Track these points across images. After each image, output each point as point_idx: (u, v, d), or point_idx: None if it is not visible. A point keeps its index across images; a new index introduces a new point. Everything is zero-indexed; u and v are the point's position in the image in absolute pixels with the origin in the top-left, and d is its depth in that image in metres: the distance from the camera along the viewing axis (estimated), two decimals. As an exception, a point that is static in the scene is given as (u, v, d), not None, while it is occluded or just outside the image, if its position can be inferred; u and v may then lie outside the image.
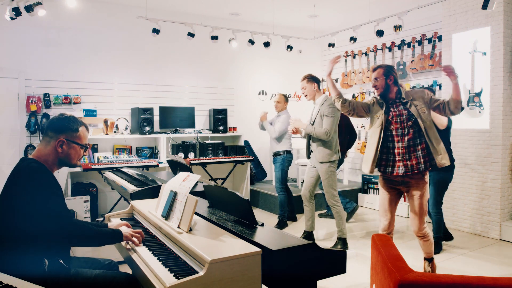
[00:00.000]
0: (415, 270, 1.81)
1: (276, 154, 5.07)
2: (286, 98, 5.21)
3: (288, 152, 5.08)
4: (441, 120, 3.81)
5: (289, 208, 5.35)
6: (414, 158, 2.95)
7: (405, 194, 3.14)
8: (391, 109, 3.01)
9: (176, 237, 1.88)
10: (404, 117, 2.95)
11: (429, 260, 3.32)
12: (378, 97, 3.11)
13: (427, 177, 3.04)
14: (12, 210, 1.77)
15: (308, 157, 4.14)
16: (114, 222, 2.30)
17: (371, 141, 3.06)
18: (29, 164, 1.86)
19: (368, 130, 3.12)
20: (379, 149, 3.01)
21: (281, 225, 5.05)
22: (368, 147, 3.08)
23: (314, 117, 3.98)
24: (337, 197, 4.03)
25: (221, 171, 6.19)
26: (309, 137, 4.10)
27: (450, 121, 3.98)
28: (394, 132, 2.98)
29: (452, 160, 3.82)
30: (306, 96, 4.09)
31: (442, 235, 4.20)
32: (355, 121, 5.75)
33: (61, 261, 1.86)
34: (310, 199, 4.14)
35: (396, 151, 2.98)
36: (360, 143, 6.48)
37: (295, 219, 5.44)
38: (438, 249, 4.04)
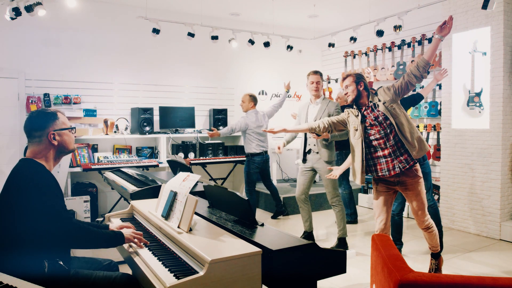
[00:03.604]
0: (415, 270, 1.81)
1: (246, 156, 5.20)
2: (252, 98, 5.22)
3: (255, 155, 5.12)
4: None
5: (276, 202, 5.47)
6: (405, 152, 2.97)
7: (403, 194, 3.15)
8: (366, 116, 3.06)
9: (176, 237, 1.88)
10: (381, 118, 2.99)
11: (436, 256, 3.32)
12: (353, 106, 3.15)
13: (420, 172, 3.05)
14: (11, 211, 1.77)
15: (304, 161, 4.12)
16: (115, 223, 2.28)
17: (356, 153, 3.09)
18: (28, 164, 1.87)
19: (351, 142, 3.18)
20: (364, 158, 3.05)
21: None
22: (354, 159, 3.11)
23: (319, 116, 3.97)
24: (339, 197, 4.04)
25: (221, 171, 6.20)
26: (306, 141, 4.09)
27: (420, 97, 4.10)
28: (377, 136, 3.00)
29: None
30: (316, 90, 4.05)
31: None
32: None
33: (61, 262, 1.85)
34: (305, 201, 4.16)
35: (386, 152, 3.00)
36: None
37: (285, 213, 5.52)
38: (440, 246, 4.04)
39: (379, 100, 3.04)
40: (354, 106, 3.13)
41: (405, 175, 3.01)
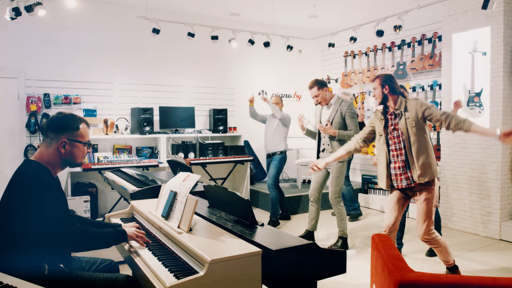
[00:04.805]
0: (415, 270, 1.81)
1: (274, 154, 5.14)
2: (281, 99, 5.34)
3: (285, 152, 5.17)
4: None
5: (282, 207, 5.41)
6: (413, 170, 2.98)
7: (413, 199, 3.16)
8: (389, 123, 3.07)
9: (176, 237, 1.88)
10: (399, 131, 3.00)
11: (451, 269, 3.20)
12: (379, 111, 3.16)
13: (434, 183, 3.03)
14: (14, 213, 1.75)
15: (318, 158, 4.14)
16: (129, 224, 2.27)
17: (380, 158, 3.13)
18: (32, 167, 1.83)
19: (376, 146, 3.22)
20: (387, 164, 3.08)
21: (273, 224, 5.07)
22: (379, 164, 3.15)
23: (332, 116, 4.00)
24: (340, 197, 4.05)
25: (221, 171, 6.19)
26: (319, 139, 4.11)
27: None
28: (393, 147, 3.04)
29: None
30: (319, 102, 4.12)
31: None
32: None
33: (62, 265, 1.85)
34: (317, 200, 4.18)
35: (397, 165, 3.03)
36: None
37: (288, 218, 5.48)
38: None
39: (406, 110, 2.99)
40: (381, 114, 3.12)
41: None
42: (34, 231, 1.73)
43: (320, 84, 4.05)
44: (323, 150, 4.08)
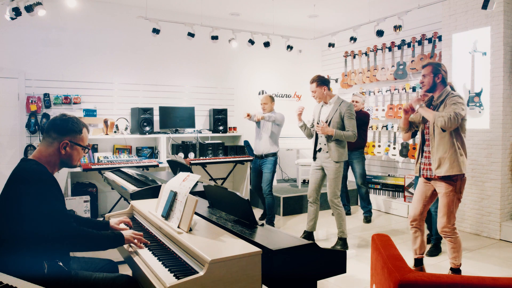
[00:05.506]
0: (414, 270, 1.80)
1: (267, 155, 5.03)
2: (272, 98, 5.19)
3: (277, 153, 5.12)
4: None
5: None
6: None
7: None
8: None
9: (176, 237, 1.88)
10: (429, 122, 3.06)
11: (454, 271, 3.20)
12: (423, 98, 3.18)
13: (459, 179, 3.03)
14: (11, 211, 1.76)
15: (314, 159, 4.13)
16: (115, 219, 2.31)
17: (419, 145, 3.22)
18: (30, 166, 1.84)
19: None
20: (421, 152, 3.17)
21: None
22: (417, 150, 3.25)
23: (331, 116, 3.98)
24: (339, 198, 4.04)
25: (221, 171, 6.20)
26: (316, 139, 4.10)
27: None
28: (426, 137, 3.13)
29: None
30: (316, 98, 4.11)
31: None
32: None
33: (61, 263, 1.85)
34: (316, 200, 4.17)
35: (426, 154, 3.13)
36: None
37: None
38: (437, 251, 4.03)
39: (441, 104, 3.02)
40: (425, 97, 3.12)
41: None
42: (32, 230, 1.73)
43: (320, 82, 4.03)
44: (320, 150, 4.07)
